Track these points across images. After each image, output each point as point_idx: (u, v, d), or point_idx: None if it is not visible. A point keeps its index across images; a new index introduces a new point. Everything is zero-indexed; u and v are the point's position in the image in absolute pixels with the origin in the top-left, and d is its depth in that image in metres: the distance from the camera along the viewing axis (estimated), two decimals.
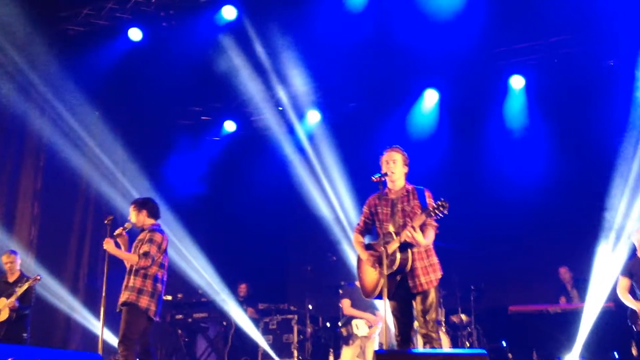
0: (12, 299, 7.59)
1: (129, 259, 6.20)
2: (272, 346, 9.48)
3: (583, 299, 8.52)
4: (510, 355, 8.84)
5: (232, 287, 10.39)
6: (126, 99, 10.44)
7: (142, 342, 6.15)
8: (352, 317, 8.17)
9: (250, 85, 10.37)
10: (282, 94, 10.74)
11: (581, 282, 8.89)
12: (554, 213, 9.80)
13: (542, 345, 8.45)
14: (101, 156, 9.94)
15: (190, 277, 10.12)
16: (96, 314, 9.55)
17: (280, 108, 11.17)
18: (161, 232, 6.36)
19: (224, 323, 10.06)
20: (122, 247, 6.34)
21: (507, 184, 9.99)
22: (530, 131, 10.24)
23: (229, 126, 11.90)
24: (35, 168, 9.79)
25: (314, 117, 11.28)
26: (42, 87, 9.42)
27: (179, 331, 9.98)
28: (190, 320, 10.17)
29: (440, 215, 4.99)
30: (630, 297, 6.84)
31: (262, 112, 11.25)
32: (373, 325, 7.98)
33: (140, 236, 6.35)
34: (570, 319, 8.20)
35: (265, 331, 9.73)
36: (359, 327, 8.02)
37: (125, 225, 6.41)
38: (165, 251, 6.34)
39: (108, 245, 6.19)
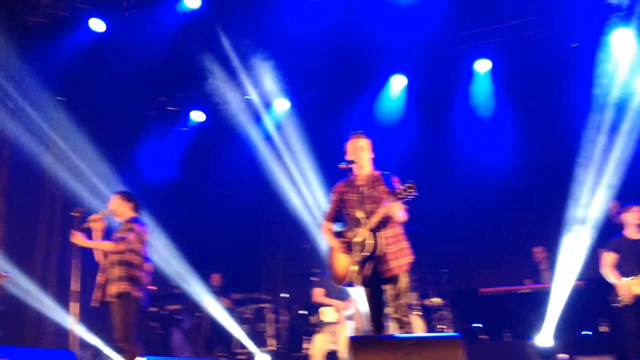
0: None
1: (101, 246, 6.07)
2: (247, 336, 9.47)
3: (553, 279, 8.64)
4: (483, 337, 8.94)
5: (205, 278, 10.33)
6: (90, 91, 10.26)
7: None
8: (320, 305, 8.21)
9: (216, 74, 10.28)
10: (248, 82, 10.67)
11: (553, 262, 8.96)
12: (522, 195, 9.94)
13: (514, 325, 8.55)
14: (66, 150, 9.78)
15: (162, 269, 10.03)
16: (68, 309, 9.46)
17: (248, 97, 11.10)
18: (142, 223, 6.29)
19: (198, 314, 10.02)
20: (98, 234, 6.19)
21: (476, 167, 10.10)
22: (497, 114, 10.33)
23: (197, 116, 11.79)
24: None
25: (281, 105, 11.24)
26: (2, 81, 9.23)
27: (153, 324, 9.90)
28: (163, 312, 10.11)
29: (410, 197, 4.99)
30: (615, 272, 6.89)
31: (229, 101, 11.15)
32: (340, 311, 8.01)
33: (120, 228, 6.24)
34: (540, 299, 8.30)
35: (240, 321, 9.72)
36: (327, 313, 8.06)
37: (103, 211, 6.26)
38: (146, 243, 6.27)
39: (76, 238, 6.07)
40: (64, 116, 9.83)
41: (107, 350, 8.78)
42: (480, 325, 9.06)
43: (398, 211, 5.08)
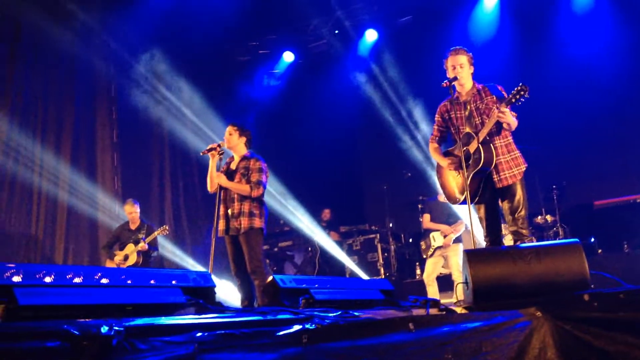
0: (142, 243, 8.21)
1: (241, 189, 6.10)
2: (358, 266, 9.66)
3: None
4: (599, 251, 8.70)
5: (313, 214, 10.52)
6: (186, 40, 10.47)
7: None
8: (429, 230, 8.24)
9: (304, 11, 10.24)
10: (337, 16, 10.59)
11: None
12: (633, 103, 9.41)
13: (633, 235, 8.27)
14: (170, 98, 10.09)
15: (273, 207, 10.24)
16: (184, 250, 9.94)
17: (337, 31, 11.03)
18: (263, 160, 6.29)
19: (309, 249, 10.28)
20: (213, 164, 6.23)
21: (581, 75, 9.60)
22: (600, 16, 9.73)
23: (288, 56, 11.84)
24: (109, 120, 10.05)
25: (372, 35, 11.10)
26: (106, 37, 9.55)
27: (267, 261, 10.23)
28: (276, 249, 10.45)
29: (522, 100, 4.82)
30: None
31: (320, 37, 11.13)
32: (447, 235, 8.04)
33: (243, 163, 6.23)
34: None
35: (349, 252, 9.91)
36: (436, 238, 8.11)
37: (221, 144, 6.28)
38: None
39: (220, 178, 6.14)
40: (164, 66, 10.10)
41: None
42: (593, 240, 8.80)
43: (509, 118, 4.94)
